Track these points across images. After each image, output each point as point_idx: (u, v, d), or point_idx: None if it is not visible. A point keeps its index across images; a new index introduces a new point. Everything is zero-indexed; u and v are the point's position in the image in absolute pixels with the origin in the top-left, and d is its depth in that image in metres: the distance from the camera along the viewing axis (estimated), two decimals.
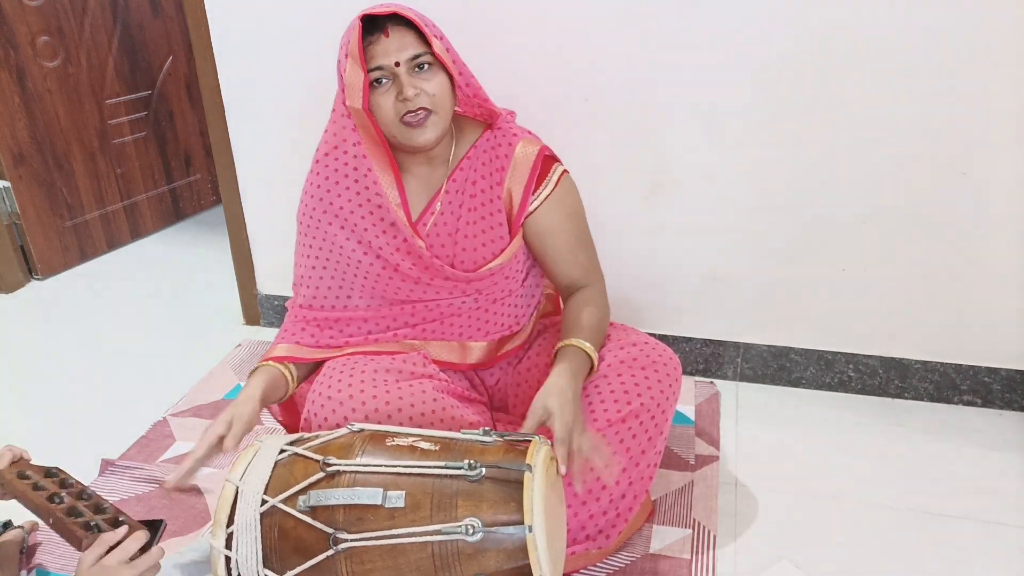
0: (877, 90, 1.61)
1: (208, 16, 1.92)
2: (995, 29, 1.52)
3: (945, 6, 1.52)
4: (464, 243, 1.40)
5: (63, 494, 1.19)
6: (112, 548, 1.10)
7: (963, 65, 1.56)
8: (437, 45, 1.26)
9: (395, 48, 1.24)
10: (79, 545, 1.12)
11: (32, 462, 1.30)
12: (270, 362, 1.38)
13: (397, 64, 1.25)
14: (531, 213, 1.40)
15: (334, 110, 1.36)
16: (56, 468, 1.27)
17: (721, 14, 1.62)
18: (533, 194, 1.39)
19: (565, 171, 1.43)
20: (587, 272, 1.46)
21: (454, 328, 1.47)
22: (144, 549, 1.11)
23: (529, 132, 1.43)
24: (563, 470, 1.10)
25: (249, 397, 1.28)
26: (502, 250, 1.40)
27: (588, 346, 1.31)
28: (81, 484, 1.25)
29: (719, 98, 1.70)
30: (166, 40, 2.98)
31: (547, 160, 1.41)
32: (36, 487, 1.21)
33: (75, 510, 1.16)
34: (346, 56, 1.26)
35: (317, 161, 1.41)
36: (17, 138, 2.47)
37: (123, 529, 1.12)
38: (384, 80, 1.27)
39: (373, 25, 1.26)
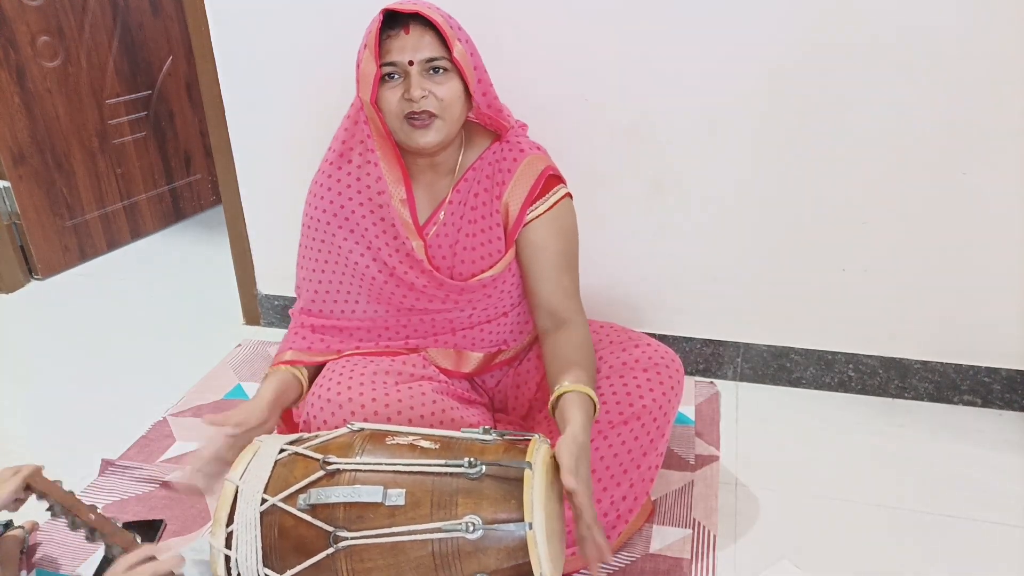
0: (878, 90, 1.61)
1: (208, 16, 1.92)
2: (994, 30, 1.52)
3: (944, 7, 1.52)
4: (463, 254, 1.40)
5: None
6: (149, 560, 1.11)
7: (962, 66, 1.56)
8: (458, 49, 1.24)
9: (412, 46, 1.23)
10: (123, 540, 1.14)
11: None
12: (281, 366, 1.39)
13: (411, 63, 1.24)
14: (526, 225, 1.38)
15: (352, 106, 1.36)
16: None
17: (722, 15, 1.62)
18: (530, 207, 1.37)
19: (568, 194, 1.41)
20: (569, 301, 1.37)
21: (450, 342, 1.46)
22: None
23: (539, 148, 1.41)
24: (607, 557, 1.03)
25: (257, 401, 1.30)
26: (498, 262, 1.39)
27: (591, 391, 1.20)
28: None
29: (720, 98, 1.70)
30: (166, 40, 2.98)
31: (551, 179, 1.39)
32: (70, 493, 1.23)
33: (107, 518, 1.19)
34: (364, 47, 1.26)
35: (328, 162, 1.40)
36: (17, 138, 2.47)
37: (164, 546, 1.14)
38: (395, 76, 1.26)
39: (396, 21, 1.25)
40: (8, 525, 1.43)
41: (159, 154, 3.03)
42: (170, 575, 1.11)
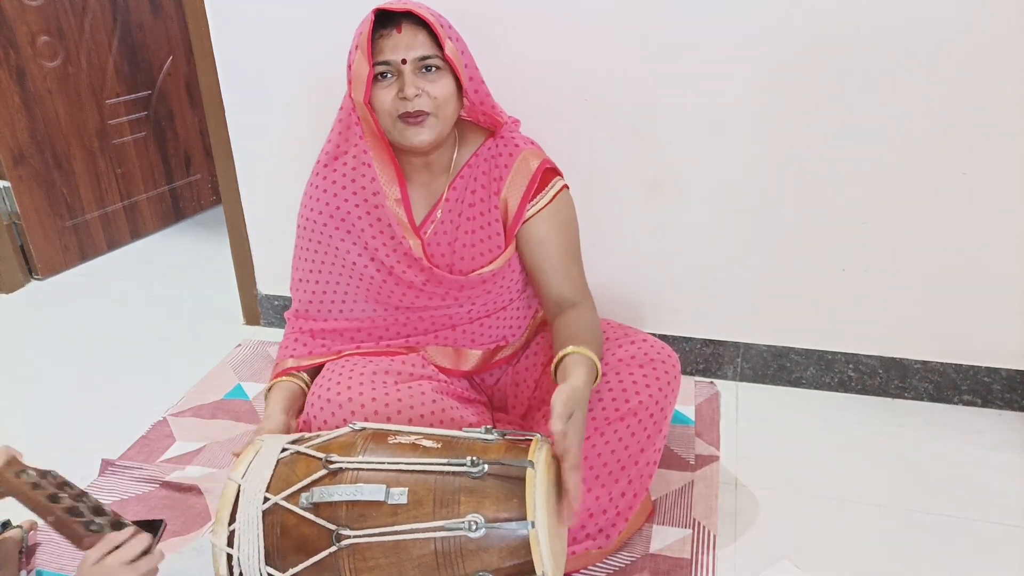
0: (878, 90, 1.61)
1: (208, 16, 1.92)
2: (994, 30, 1.52)
3: (945, 6, 1.52)
4: (462, 251, 1.40)
5: (62, 494, 1.18)
6: (115, 549, 1.09)
7: (963, 65, 1.56)
8: (450, 47, 1.25)
9: (404, 45, 1.24)
10: (80, 543, 1.11)
11: (24, 462, 1.29)
12: (284, 377, 1.40)
13: (404, 61, 1.24)
14: (526, 221, 1.39)
15: (342, 108, 1.36)
16: (54, 471, 1.26)
17: (722, 15, 1.62)
18: (530, 202, 1.38)
19: (565, 186, 1.42)
20: (576, 289, 1.40)
21: (449, 338, 1.47)
22: (146, 552, 1.11)
23: (533, 143, 1.42)
24: (576, 504, 1.04)
25: (273, 417, 1.32)
26: (497, 257, 1.40)
27: (595, 356, 1.22)
28: (79, 488, 1.23)
29: (720, 98, 1.70)
30: (166, 40, 2.98)
31: (548, 173, 1.40)
32: (36, 486, 1.20)
33: (75, 510, 1.15)
34: (356, 47, 1.26)
35: (322, 164, 1.40)
36: (17, 138, 2.47)
37: (128, 530, 1.11)
38: (388, 75, 1.26)
39: (388, 20, 1.25)
40: (7, 525, 1.43)
41: (159, 154, 3.02)
42: (140, 557, 1.09)
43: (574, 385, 1.12)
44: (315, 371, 1.44)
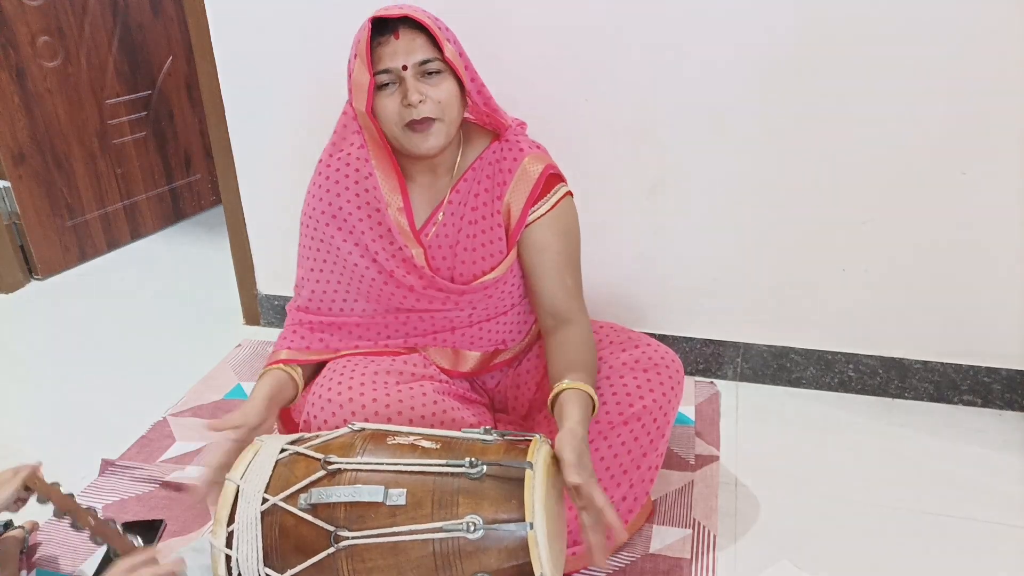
0: (878, 90, 1.61)
1: (208, 16, 1.92)
2: (995, 29, 1.52)
3: (945, 7, 1.52)
4: (463, 255, 1.39)
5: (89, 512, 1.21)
6: (149, 562, 1.11)
7: (963, 65, 1.56)
8: (449, 50, 1.24)
9: (404, 51, 1.23)
10: (123, 547, 1.14)
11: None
12: (277, 365, 1.38)
13: (404, 68, 1.23)
14: (528, 225, 1.37)
15: (344, 112, 1.36)
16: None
17: (722, 14, 1.62)
18: (532, 207, 1.37)
19: (569, 192, 1.41)
20: (571, 300, 1.37)
21: (448, 340, 1.46)
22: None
23: (538, 146, 1.41)
24: (623, 536, 1.03)
25: (254, 400, 1.29)
26: (499, 263, 1.39)
27: (589, 388, 1.21)
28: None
29: (720, 98, 1.70)
30: (166, 40, 2.98)
31: (552, 178, 1.38)
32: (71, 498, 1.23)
33: (111, 521, 1.19)
34: (355, 56, 1.25)
35: (322, 163, 1.40)
36: (17, 138, 2.47)
37: (165, 548, 1.14)
38: (391, 84, 1.25)
39: (384, 27, 1.24)
40: (8, 525, 1.43)
41: (159, 154, 3.03)
42: None
43: (572, 429, 1.10)
44: (311, 368, 1.43)
